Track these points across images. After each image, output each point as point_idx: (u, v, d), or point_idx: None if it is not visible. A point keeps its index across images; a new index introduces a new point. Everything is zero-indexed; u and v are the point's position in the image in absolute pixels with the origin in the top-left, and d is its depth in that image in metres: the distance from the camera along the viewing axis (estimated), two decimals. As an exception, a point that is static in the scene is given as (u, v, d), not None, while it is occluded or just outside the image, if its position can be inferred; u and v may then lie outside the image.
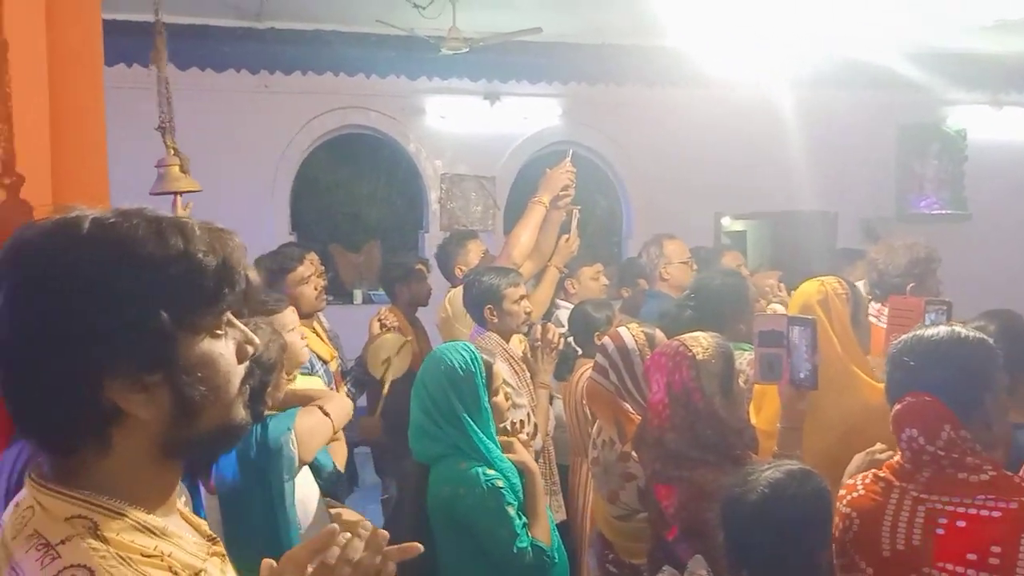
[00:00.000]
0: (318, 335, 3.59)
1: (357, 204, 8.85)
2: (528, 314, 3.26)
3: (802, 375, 2.08)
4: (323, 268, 3.65)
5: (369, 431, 3.85)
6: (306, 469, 2.33)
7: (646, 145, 7.48)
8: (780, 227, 7.97)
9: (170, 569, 0.88)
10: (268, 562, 1.13)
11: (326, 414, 2.41)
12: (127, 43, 4.62)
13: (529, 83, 7.27)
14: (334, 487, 2.71)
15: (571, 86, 7.37)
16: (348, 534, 1.09)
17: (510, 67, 7.00)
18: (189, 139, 2.91)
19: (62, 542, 0.85)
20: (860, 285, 2.97)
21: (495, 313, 3.19)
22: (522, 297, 3.24)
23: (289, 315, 2.75)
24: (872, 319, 2.89)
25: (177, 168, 2.62)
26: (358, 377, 3.91)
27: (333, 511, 2.45)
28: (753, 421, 2.44)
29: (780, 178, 7.19)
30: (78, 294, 0.85)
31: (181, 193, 2.64)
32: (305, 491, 2.30)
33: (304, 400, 2.49)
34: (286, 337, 2.46)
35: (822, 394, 2.17)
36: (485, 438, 2.24)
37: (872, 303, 3.07)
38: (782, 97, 6.77)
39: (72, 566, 0.83)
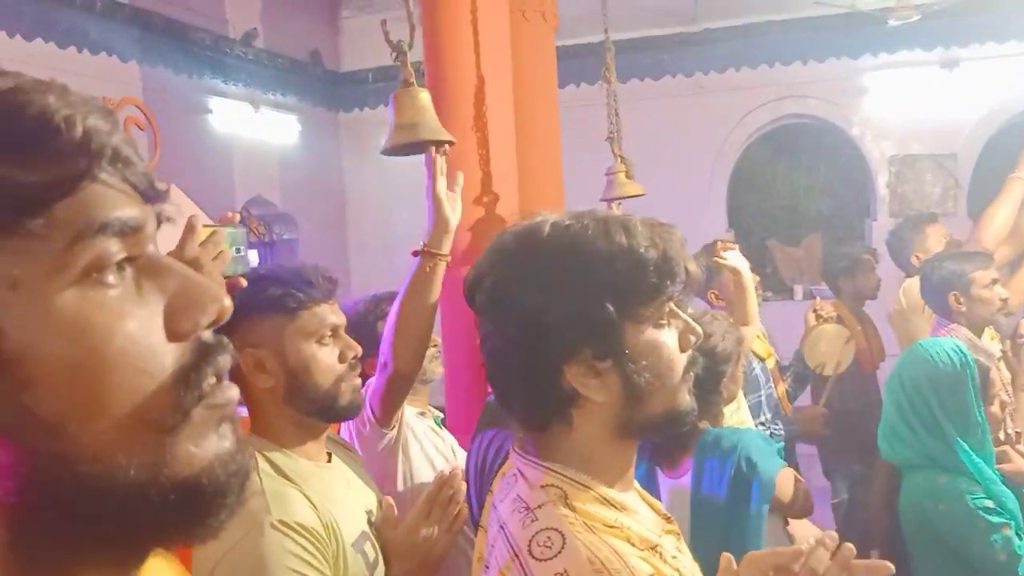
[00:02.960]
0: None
1: (795, 196, 8.55)
2: (1004, 302, 2.87)
3: None
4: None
5: (811, 424, 3.70)
6: None
7: None
8: None
9: (628, 540, 0.96)
10: (728, 556, 1.14)
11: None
12: (574, 65, 5.10)
13: (996, 44, 6.34)
14: None
15: (1050, 40, 6.27)
16: (812, 540, 1.07)
17: (971, 29, 6.18)
18: (630, 146, 3.11)
19: (539, 507, 0.98)
20: None
21: (961, 301, 2.84)
22: (994, 281, 2.85)
23: None
24: None
25: (623, 174, 2.82)
26: (798, 372, 3.80)
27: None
28: None
29: None
30: (541, 289, 0.98)
31: (628, 198, 2.83)
32: None
33: None
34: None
35: None
36: (973, 453, 1.95)
37: None
38: None
39: (547, 528, 0.95)
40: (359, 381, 1.58)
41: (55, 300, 0.44)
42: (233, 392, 0.51)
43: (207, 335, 0.50)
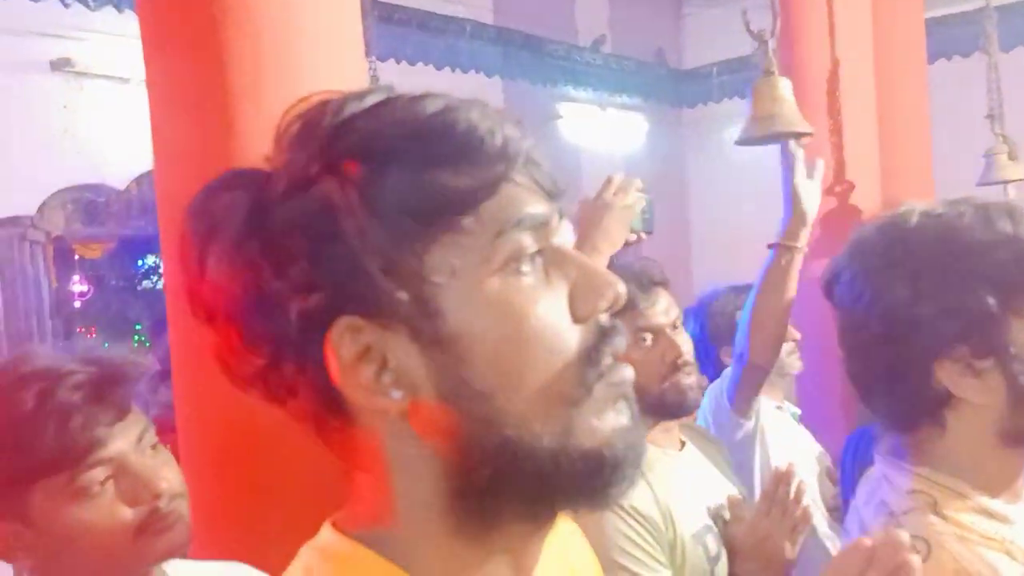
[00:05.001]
0: None
1: None
2: None
3: None
4: None
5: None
6: None
7: None
8: None
9: (1009, 554, 0.88)
10: None
11: None
12: (945, 36, 4.59)
13: None
14: None
15: None
16: None
17: None
18: (1013, 124, 2.74)
19: (904, 513, 0.92)
20: None
21: None
22: None
23: None
24: None
25: (1006, 156, 2.50)
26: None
27: None
28: None
29: None
30: (908, 281, 0.91)
31: (1010, 182, 2.51)
32: None
33: None
34: None
35: None
36: None
37: None
38: None
39: (912, 536, 0.89)
40: (691, 379, 1.57)
41: (484, 286, 0.52)
42: (628, 372, 0.56)
43: (605, 319, 0.55)
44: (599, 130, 6.31)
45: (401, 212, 0.51)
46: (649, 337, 1.54)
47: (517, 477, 0.52)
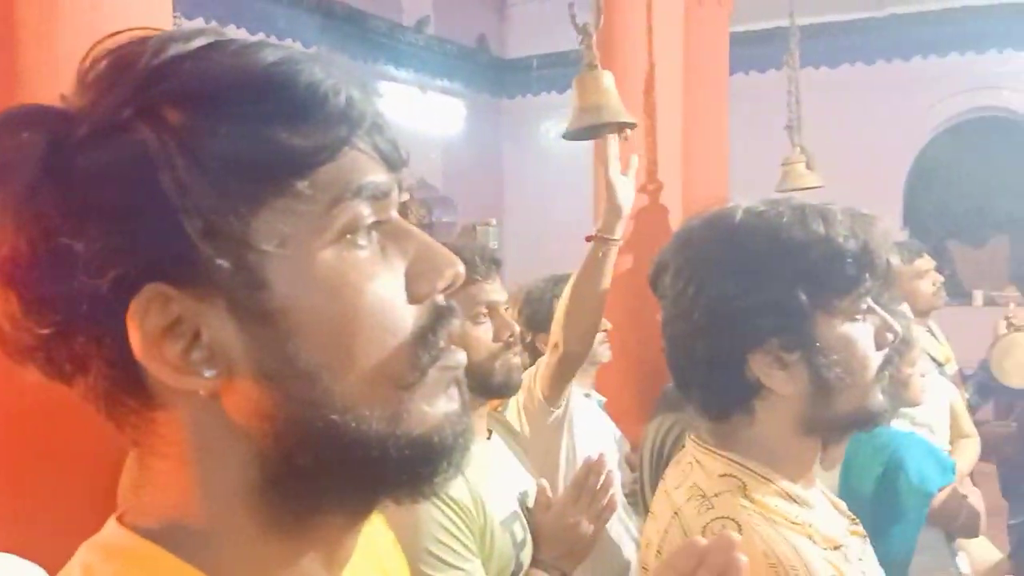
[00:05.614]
0: (933, 335, 3.34)
1: (982, 195, 7.93)
2: None
3: None
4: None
5: (996, 442, 3.44)
6: None
7: None
8: None
9: (810, 538, 0.92)
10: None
11: None
12: (744, 52, 4.93)
13: None
14: None
15: None
16: None
17: None
18: (809, 137, 2.97)
19: (716, 495, 0.96)
20: None
21: None
22: None
23: None
24: None
25: (803, 165, 2.71)
26: (982, 383, 3.53)
27: None
28: None
29: None
30: (729, 275, 0.95)
31: (805, 189, 2.71)
32: None
33: None
34: None
35: None
36: None
37: None
38: None
39: (724, 517, 0.93)
40: (517, 360, 1.59)
41: (316, 257, 0.47)
42: (462, 356, 0.53)
43: (442, 299, 0.52)
44: (419, 112, 6.26)
45: (228, 169, 0.45)
46: (485, 313, 1.53)
47: (340, 465, 0.48)
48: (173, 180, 0.45)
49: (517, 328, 1.58)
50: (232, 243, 0.46)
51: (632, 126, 1.94)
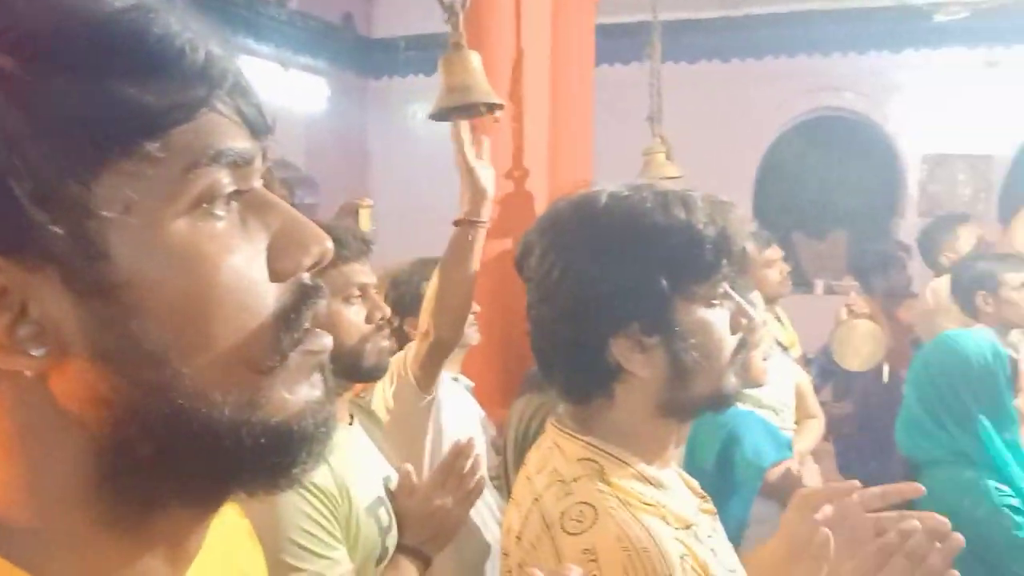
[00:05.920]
0: (780, 321, 3.54)
1: (825, 190, 8.46)
2: None
3: None
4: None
5: (833, 423, 3.68)
6: None
7: None
8: None
9: (663, 519, 0.95)
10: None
11: None
12: (607, 45, 5.04)
13: (1040, 46, 6.22)
14: None
15: (1098, 46, 6.14)
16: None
17: (1018, 30, 6.07)
18: (669, 128, 3.06)
19: (574, 480, 0.96)
20: None
21: (989, 302, 2.83)
22: None
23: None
24: None
25: (663, 156, 2.78)
26: (823, 366, 3.77)
27: None
28: None
29: None
30: (593, 259, 0.96)
31: (665, 179, 2.79)
32: None
33: None
34: None
35: None
36: (1002, 447, 1.89)
37: None
38: None
39: (581, 502, 0.94)
40: (387, 343, 1.56)
41: (167, 227, 0.43)
42: (327, 339, 0.49)
43: (307, 277, 0.48)
44: (280, 89, 6.04)
45: (66, 126, 0.41)
46: (357, 295, 1.49)
47: (188, 454, 0.44)
48: (0, 136, 0.40)
49: (388, 311, 1.55)
50: (69, 208, 0.41)
51: (500, 107, 1.92)
